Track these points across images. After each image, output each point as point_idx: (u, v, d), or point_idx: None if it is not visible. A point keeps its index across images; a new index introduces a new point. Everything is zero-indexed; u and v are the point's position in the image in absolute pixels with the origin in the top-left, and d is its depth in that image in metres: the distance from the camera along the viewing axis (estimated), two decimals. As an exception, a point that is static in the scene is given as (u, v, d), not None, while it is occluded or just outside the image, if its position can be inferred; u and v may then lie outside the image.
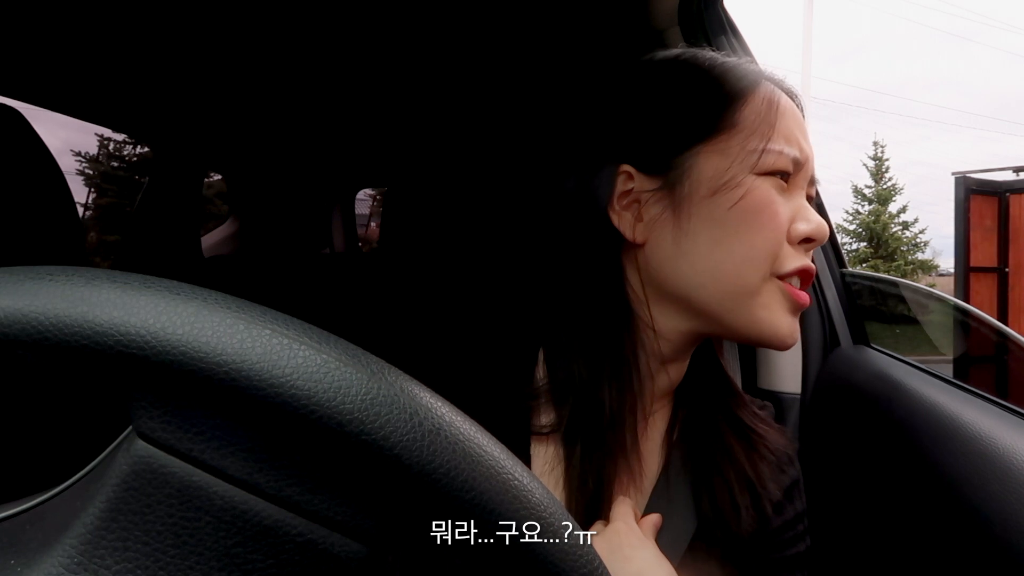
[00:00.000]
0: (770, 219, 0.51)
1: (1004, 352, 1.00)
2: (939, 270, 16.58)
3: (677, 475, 0.56)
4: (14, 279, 0.21)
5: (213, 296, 0.22)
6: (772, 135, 0.51)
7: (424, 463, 0.21)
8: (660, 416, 0.59)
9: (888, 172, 16.41)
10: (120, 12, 1.07)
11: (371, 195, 2.81)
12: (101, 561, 0.20)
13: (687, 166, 0.52)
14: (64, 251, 0.77)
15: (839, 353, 0.91)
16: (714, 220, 0.51)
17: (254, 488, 0.21)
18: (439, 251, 1.41)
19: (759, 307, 0.51)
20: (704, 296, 0.52)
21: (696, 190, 0.51)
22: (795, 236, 0.52)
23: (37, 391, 0.67)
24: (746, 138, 0.51)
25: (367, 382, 0.21)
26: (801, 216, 0.52)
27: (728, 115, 0.52)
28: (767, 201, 0.51)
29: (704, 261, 0.51)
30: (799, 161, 0.52)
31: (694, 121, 0.53)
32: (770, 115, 0.52)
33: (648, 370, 0.55)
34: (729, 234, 0.51)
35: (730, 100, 0.53)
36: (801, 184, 0.54)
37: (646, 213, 0.53)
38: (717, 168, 0.51)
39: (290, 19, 1.13)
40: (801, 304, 0.52)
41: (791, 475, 0.59)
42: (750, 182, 0.51)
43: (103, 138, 5.91)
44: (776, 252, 0.51)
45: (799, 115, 0.55)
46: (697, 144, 0.52)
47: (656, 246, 0.53)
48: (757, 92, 0.53)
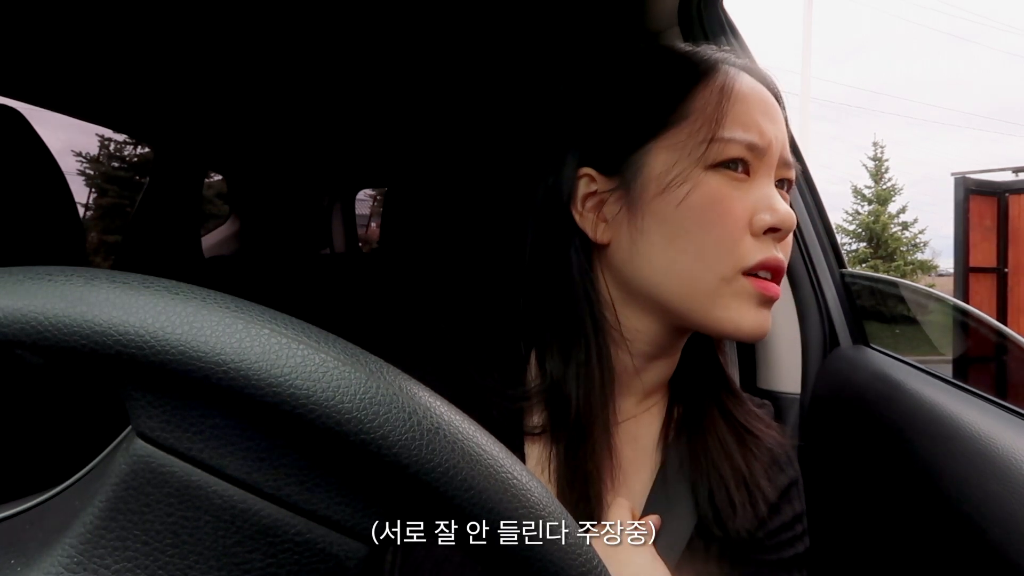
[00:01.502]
0: (721, 216, 0.49)
1: (1003, 352, 1.00)
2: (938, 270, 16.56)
3: (675, 473, 0.56)
4: (13, 279, 0.21)
5: (212, 296, 0.22)
6: (722, 123, 0.50)
7: (423, 462, 0.21)
8: (655, 413, 0.59)
9: (888, 172, 16.41)
10: (120, 12, 1.07)
11: (371, 195, 2.81)
12: (100, 561, 0.20)
13: (639, 164, 0.52)
14: (64, 251, 0.77)
15: (839, 353, 0.91)
16: (665, 218, 0.50)
17: (253, 487, 0.21)
18: (439, 251, 1.41)
19: (719, 306, 0.50)
20: (664, 295, 0.51)
21: (647, 188, 0.51)
22: (758, 227, 0.50)
23: (37, 391, 0.67)
24: (696, 130, 0.50)
25: (366, 381, 0.21)
26: (764, 206, 0.50)
27: (678, 107, 0.51)
28: (717, 197, 0.49)
29: (659, 260, 0.51)
30: (757, 146, 0.50)
31: (644, 116, 0.52)
32: (721, 102, 0.50)
33: (635, 367, 0.55)
34: (680, 233, 0.50)
35: (679, 92, 0.51)
36: (766, 171, 0.51)
37: (608, 213, 0.53)
38: (665, 164, 0.50)
39: (290, 19, 1.13)
40: (769, 297, 0.50)
41: (789, 475, 0.58)
42: (698, 177, 0.49)
43: (104, 138, 5.91)
44: (732, 248, 0.49)
45: (765, 98, 0.53)
46: (649, 141, 0.51)
47: (618, 246, 0.53)
48: (710, 80, 0.51)
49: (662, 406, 0.59)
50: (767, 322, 0.51)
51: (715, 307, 0.50)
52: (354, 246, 2.33)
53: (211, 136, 1.72)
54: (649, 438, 0.58)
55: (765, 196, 0.50)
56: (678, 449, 0.57)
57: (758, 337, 0.51)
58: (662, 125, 0.51)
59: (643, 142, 0.52)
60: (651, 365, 0.56)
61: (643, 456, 0.57)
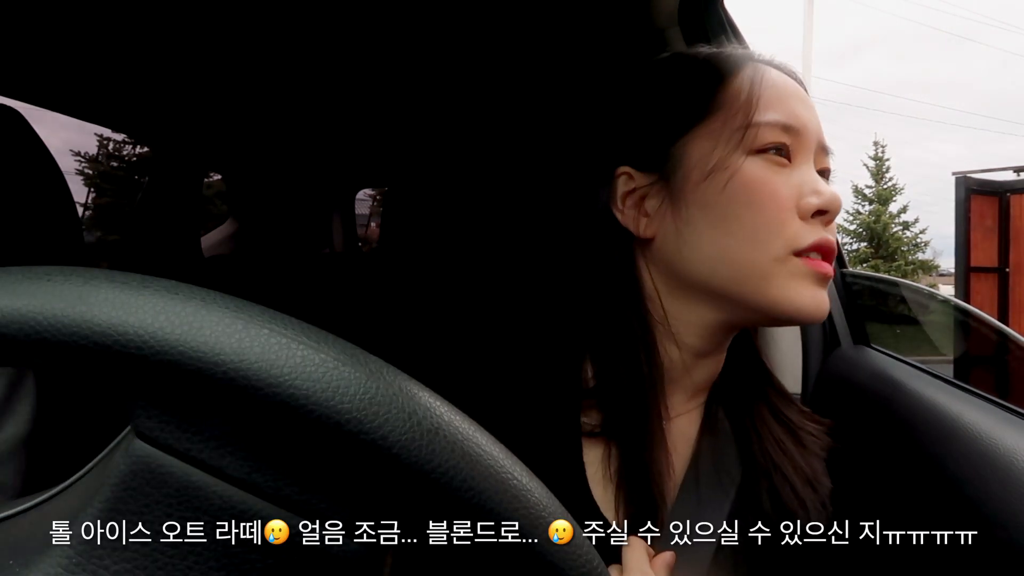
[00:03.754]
0: (767, 197, 0.50)
1: (1005, 352, 1.00)
2: (939, 270, 16.57)
3: (707, 474, 0.56)
4: (12, 279, 0.21)
5: (211, 296, 0.22)
6: (756, 109, 0.51)
7: (423, 462, 0.21)
8: (696, 413, 0.59)
9: (888, 172, 16.42)
10: (120, 12, 1.07)
11: (371, 195, 2.81)
12: (100, 561, 0.20)
13: (678, 155, 0.52)
14: (64, 251, 0.77)
15: (839, 353, 0.91)
16: (710, 205, 0.51)
17: (253, 488, 0.21)
18: (439, 251, 1.41)
19: (775, 286, 0.50)
20: (718, 282, 0.51)
21: (689, 178, 0.52)
22: (806, 210, 0.50)
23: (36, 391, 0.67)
24: (731, 117, 0.51)
25: (366, 381, 0.21)
26: (810, 189, 0.50)
27: (711, 98, 0.52)
28: (761, 179, 0.50)
29: (709, 247, 0.51)
30: (793, 127, 0.51)
31: (679, 109, 0.53)
32: (753, 89, 0.51)
33: (684, 364, 0.55)
34: (728, 217, 0.50)
35: (712, 83, 0.53)
36: (806, 155, 0.52)
37: (649, 208, 0.54)
38: (705, 152, 0.51)
39: (290, 18, 1.13)
40: (824, 275, 0.51)
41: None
42: (740, 162, 0.50)
43: (102, 138, 5.91)
44: (781, 229, 0.50)
45: (793, 86, 0.54)
46: (685, 132, 0.52)
47: (663, 239, 0.53)
48: (741, 72, 0.53)
49: (701, 408, 0.59)
50: (825, 302, 0.51)
51: (771, 287, 0.50)
52: (354, 246, 2.33)
53: (211, 136, 1.72)
54: (688, 437, 0.58)
55: (809, 180, 0.51)
56: (713, 450, 0.57)
57: (817, 318, 0.51)
58: (698, 116, 0.52)
59: (680, 134, 0.53)
60: (700, 362, 0.56)
61: (680, 456, 0.57)
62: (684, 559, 0.50)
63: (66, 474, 0.23)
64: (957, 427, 0.64)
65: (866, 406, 0.79)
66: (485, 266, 1.37)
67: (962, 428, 0.64)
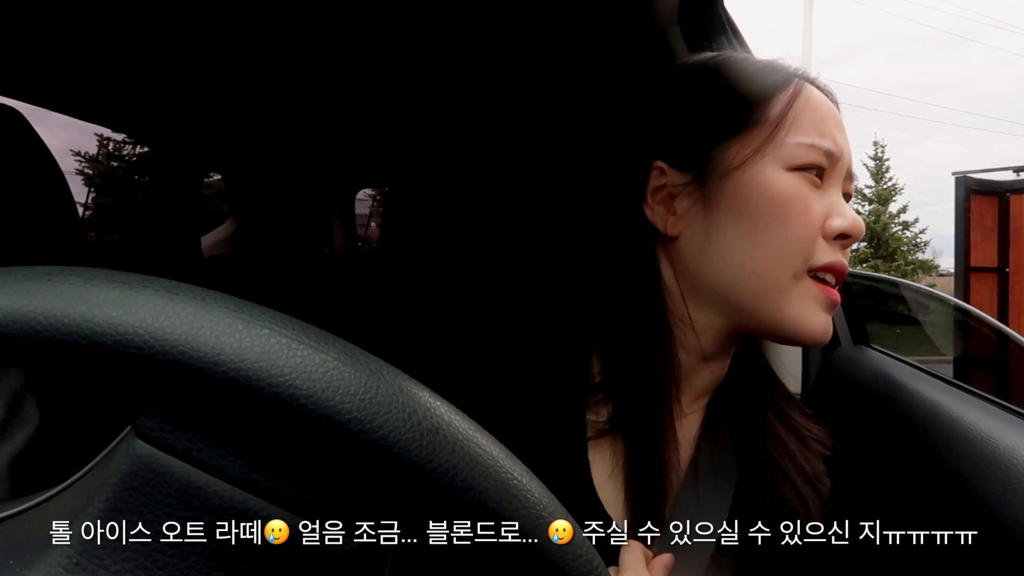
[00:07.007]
0: (800, 213, 0.50)
1: (1004, 352, 1.00)
2: (939, 270, 16.56)
3: (705, 474, 0.56)
4: (12, 279, 0.21)
5: (211, 296, 0.22)
6: (802, 129, 0.51)
7: (423, 463, 0.21)
8: (697, 416, 0.59)
9: (888, 172, 16.41)
10: (120, 12, 1.07)
11: (371, 195, 2.81)
12: (100, 561, 0.20)
13: (717, 160, 0.53)
14: (64, 251, 0.77)
15: (839, 353, 0.91)
16: (743, 214, 0.51)
17: (253, 487, 0.21)
18: (439, 251, 1.41)
19: (789, 303, 0.51)
20: (736, 291, 0.52)
21: (726, 182, 0.52)
22: (830, 232, 0.51)
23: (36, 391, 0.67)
24: (775, 133, 0.52)
25: (366, 381, 0.21)
26: (836, 212, 0.52)
27: (757, 110, 0.52)
28: (797, 195, 0.51)
29: (734, 254, 0.51)
30: (833, 154, 0.52)
31: (724, 117, 0.53)
32: (800, 110, 0.52)
33: (689, 366, 0.56)
34: (758, 228, 0.51)
35: (759, 96, 0.53)
36: (836, 180, 0.53)
37: (679, 207, 0.54)
38: (747, 160, 0.52)
39: (289, 18, 1.13)
40: (833, 302, 0.52)
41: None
42: (779, 176, 0.51)
43: (103, 138, 5.90)
44: (807, 248, 0.51)
45: (834, 111, 0.55)
46: (727, 139, 0.53)
47: (689, 240, 0.54)
48: (787, 88, 0.53)
49: (702, 410, 0.60)
50: (830, 329, 0.53)
51: (785, 304, 0.51)
52: (354, 246, 2.33)
53: (211, 136, 1.72)
54: (688, 438, 0.58)
55: (837, 203, 0.52)
56: (712, 451, 0.57)
57: (820, 342, 0.52)
58: (741, 126, 0.52)
59: (725, 138, 0.53)
60: (704, 366, 0.57)
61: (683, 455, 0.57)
62: (684, 559, 0.50)
63: (66, 474, 0.23)
64: (957, 427, 0.64)
65: (866, 406, 0.79)
66: (485, 266, 1.37)
67: (962, 428, 0.64)
